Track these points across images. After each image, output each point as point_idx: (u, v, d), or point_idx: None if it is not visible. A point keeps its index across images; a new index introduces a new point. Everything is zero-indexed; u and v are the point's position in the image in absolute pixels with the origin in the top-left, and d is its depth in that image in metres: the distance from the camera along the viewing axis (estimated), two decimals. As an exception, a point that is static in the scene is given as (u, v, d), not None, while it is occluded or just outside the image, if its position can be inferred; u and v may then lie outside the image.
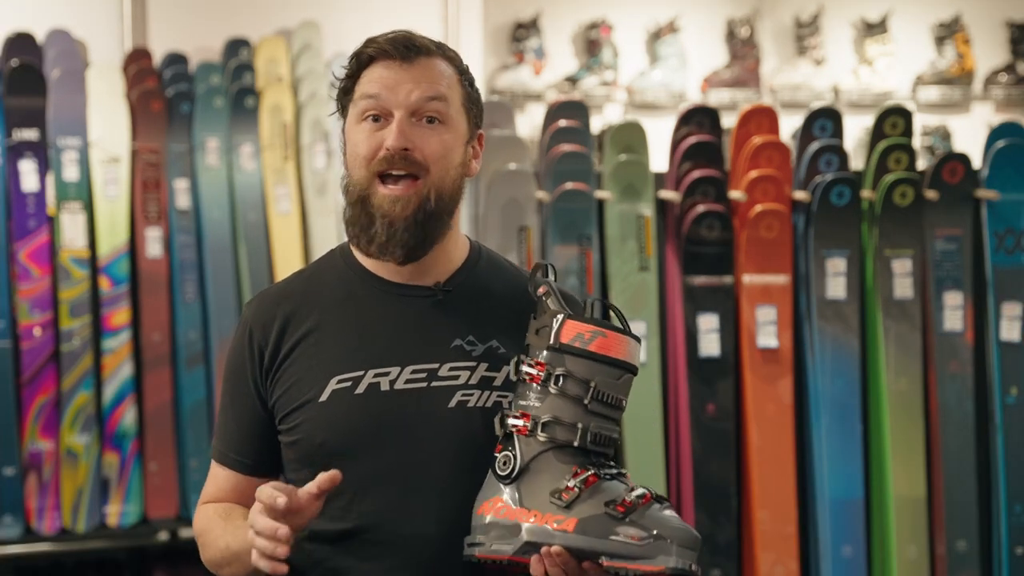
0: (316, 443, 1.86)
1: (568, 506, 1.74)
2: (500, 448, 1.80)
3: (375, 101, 1.86)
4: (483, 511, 1.79)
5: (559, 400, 1.78)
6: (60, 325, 4.03)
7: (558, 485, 1.76)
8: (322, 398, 1.86)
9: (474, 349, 1.88)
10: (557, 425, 1.78)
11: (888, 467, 3.72)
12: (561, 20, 5.86)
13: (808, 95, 5.86)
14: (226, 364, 1.97)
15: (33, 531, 4.00)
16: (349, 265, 1.95)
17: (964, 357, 3.81)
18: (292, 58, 4.59)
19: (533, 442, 1.78)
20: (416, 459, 1.85)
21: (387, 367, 1.86)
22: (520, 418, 1.79)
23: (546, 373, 1.79)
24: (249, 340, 1.92)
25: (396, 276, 1.91)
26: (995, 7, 6.21)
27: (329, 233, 4.34)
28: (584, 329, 1.79)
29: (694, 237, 3.73)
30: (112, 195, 4.13)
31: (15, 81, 4.09)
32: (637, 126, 3.88)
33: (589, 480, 1.75)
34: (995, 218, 3.84)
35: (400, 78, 1.86)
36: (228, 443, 1.95)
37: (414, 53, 1.87)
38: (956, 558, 3.75)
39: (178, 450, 4.13)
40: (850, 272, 3.76)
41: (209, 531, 1.93)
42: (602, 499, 1.74)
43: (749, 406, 3.72)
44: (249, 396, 1.92)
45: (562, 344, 1.78)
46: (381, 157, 1.85)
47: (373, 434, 1.84)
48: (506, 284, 1.96)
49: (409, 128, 1.85)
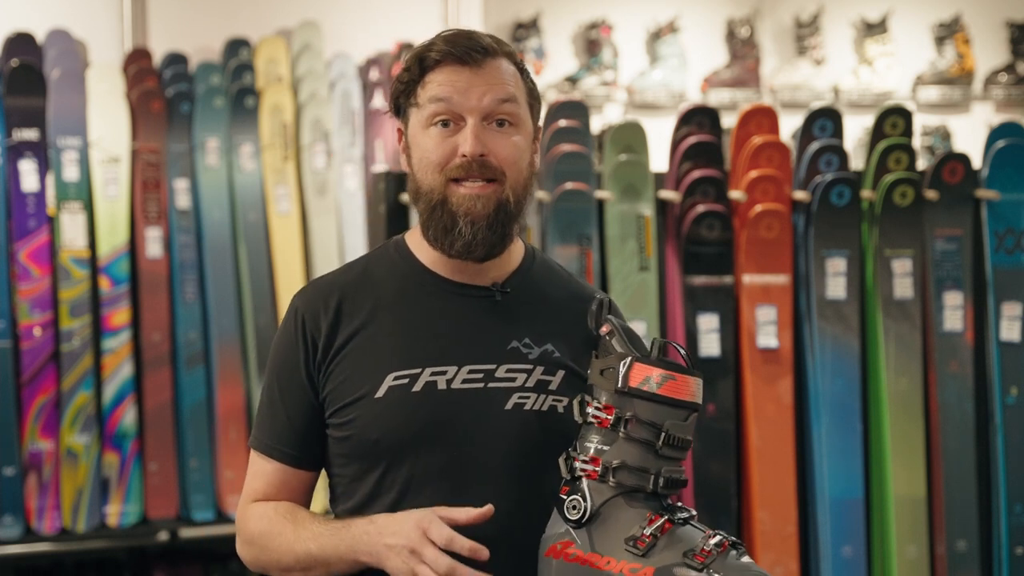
0: (371, 440, 1.84)
1: (645, 555, 1.72)
2: (567, 490, 1.77)
3: (446, 105, 1.83)
4: (551, 554, 1.77)
5: (628, 445, 1.76)
6: (60, 325, 4.03)
7: (633, 532, 1.73)
8: (378, 394, 1.84)
9: (530, 352, 1.87)
10: (627, 470, 1.75)
11: (888, 467, 3.72)
12: (561, 20, 5.86)
13: (808, 95, 5.86)
14: (273, 354, 1.92)
15: (33, 531, 4.00)
16: (405, 260, 1.92)
17: (964, 357, 3.80)
18: (292, 58, 4.59)
19: (603, 487, 1.76)
20: (471, 459, 1.83)
21: (444, 366, 1.84)
22: (589, 463, 1.76)
23: (615, 417, 1.76)
24: (302, 329, 1.88)
25: (454, 274, 1.89)
26: (995, 7, 6.22)
27: (329, 233, 4.34)
28: (652, 372, 1.76)
29: (694, 237, 3.73)
30: (112, 195, 4.13)
31: (15, 81, 4.09)
32: (637, 126, 3.88)
33: (664, 527, 1.74)
34: (995, 218, 3.83)
35: (471, 81, 1.83)
36: (276, 435, 1.90)
37: (480, 55, 1.84)
38: (956, 558, 3.75)
39: (178, 450, 4.14)
40: (850, 272, 3.76)
41: (276, 534, 1.88)
42: (680, 548, 1.72)
43: (749, 406, 3.72)
44: (301, 387, 1.88)
45: (631, 388, 1.76)
46: (457, 164, 1.83)
47: (429, 433, 1.83)
48: (559, 288, 1.95)
49: (483, 133, 1.83)
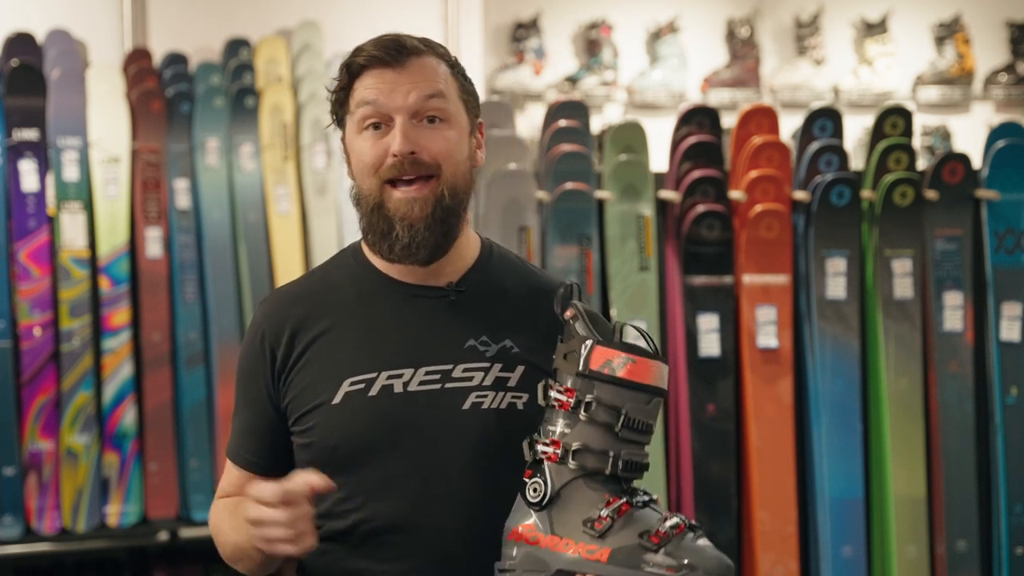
0: (330, 446, 1.85)
1: (601, 536, 1.72)
2: (529, 474, 1.78)
3: (373, 108, 1.84)
4: (513, 537, 1.77)
5: (589, 427, 1.76)
6: (60, 325, 4.02)
7: (590, 514, 1.74)
8: (335, 400, 1.85)
9: (488, 350, 1.87)
10: (587, 453, 1.75)
11: (888, 467, 3.72)
12: (561, 20, 5.86)
13: (808, 95, 5.86)
14: (238, 365, 1.96)
15: (33, 531, 4.00)
16: (361, 266, 1.93)
17: (964, 357, 3.81)
18: (292, 58, 4.59)
19: (563, 470, 1.76)
20: (431, 461, 1.84)
21: (400, 369, 1.85)
22: (550, 445, 1.76)
23: (576, 400, 1.76)
24: (261, 342, 1.91)
25: (409, 277, 1.90)
26: (995, 7, 6.22)
27: (329, 233, 4.34)
28: (613, 355, 1.76)
29: (694, 237, 3.73)
30: (112, 195, 4.13)
31: (15, 81, 4.09)
32: (637, 126, 3.88)
33: (622, 509, 1.73)
34: (995, 218, 3.84)
35: (395, 81, 1.84)
36: (241, 443, 1.95)
37: (404, 55, 1.85)
38: (956, 558, 3.75)
39: (178, 450, 4.13)
40: (850, 272, 3.76)
41: (219, 527, 1.94)
42: (636, 529, 1.72)
43: (749, 406, 3.72)
44: (261, 398, 1.91)
45: (591, 371, 1.75)
46: (389, 164, 1.83)
47: (387, 436, 1.83)
48: (518, 282, 1.95)
49: (412, 130, 1.83)
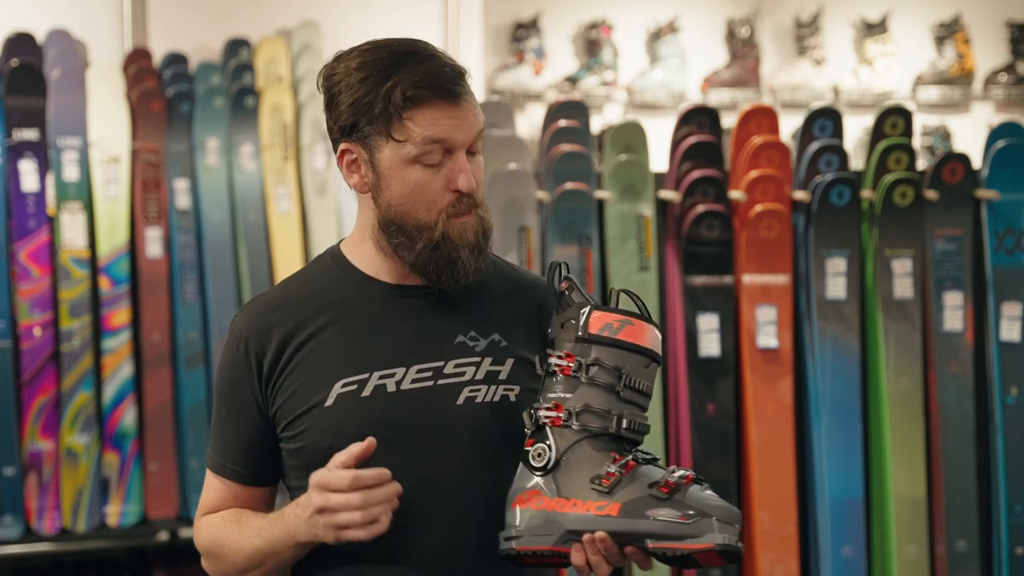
0: (324, 448, 1.82)
1: (610, 491, 1.74)
2: (532, 442, 1.79)
3: (440, 146, 1.81)
4: (518, 504, 1.78)
5: (590, 389, 1.78)
6: (60, 325, 4.03)
7: (598, 472, 1.75)
8: (328, 402, 1.84)
9: (477, 344, 1.87)
10: (591, 414, 1.78)
11: (888, 467, 3.72)
12: (561, 20, 5.86)
13: (808, 95, 5.86)
14: (219, 376, 1.93)
15: (33, 531, 4.00)
16: (343, 269, 1.92)
17: (964, 357, 3.80)
18: (292, 58, 4.59)
19: (567, 432, 1.78)
20: (427, 458, 1.83)
21: (392, 368, 1.85)
22: (552, 409, 1.78)
23: (576, 363, 1.79)
24: (245, 351, 1.88)
25: (393, 278, 1.89)
26: (995, 7, 6.22)
27: (329, 233, 4.34)
28: (612, 318, 1.80)
29: (694, 237, 3.73)
30: (112, 195, 4.13)
31: (15, 81, 4.09)
32: (637, 126, 3.88)
33: (629, 465, 1.75)
34: (995, 218, 3.83)
35: (459, 117, 1.81)
36: (226, 455, 1.92)
37: (462, 86, 1.82)
38: (956, 558, 3.75)
39: (178, 450, 4.13)
40: (850, 272, 3.76)
41: (225, 538, 1.89)
42: (644, 482, 1.74)
43: (749, 406, 3.72)
44: (248, 407, 1.89)
45: (591, 334, 1.79)
46: (456, 200, 1.82)
47: (382, 436, 1.82)
48: (500, 278, 1.95)
49: (469, 165, 1.83)
